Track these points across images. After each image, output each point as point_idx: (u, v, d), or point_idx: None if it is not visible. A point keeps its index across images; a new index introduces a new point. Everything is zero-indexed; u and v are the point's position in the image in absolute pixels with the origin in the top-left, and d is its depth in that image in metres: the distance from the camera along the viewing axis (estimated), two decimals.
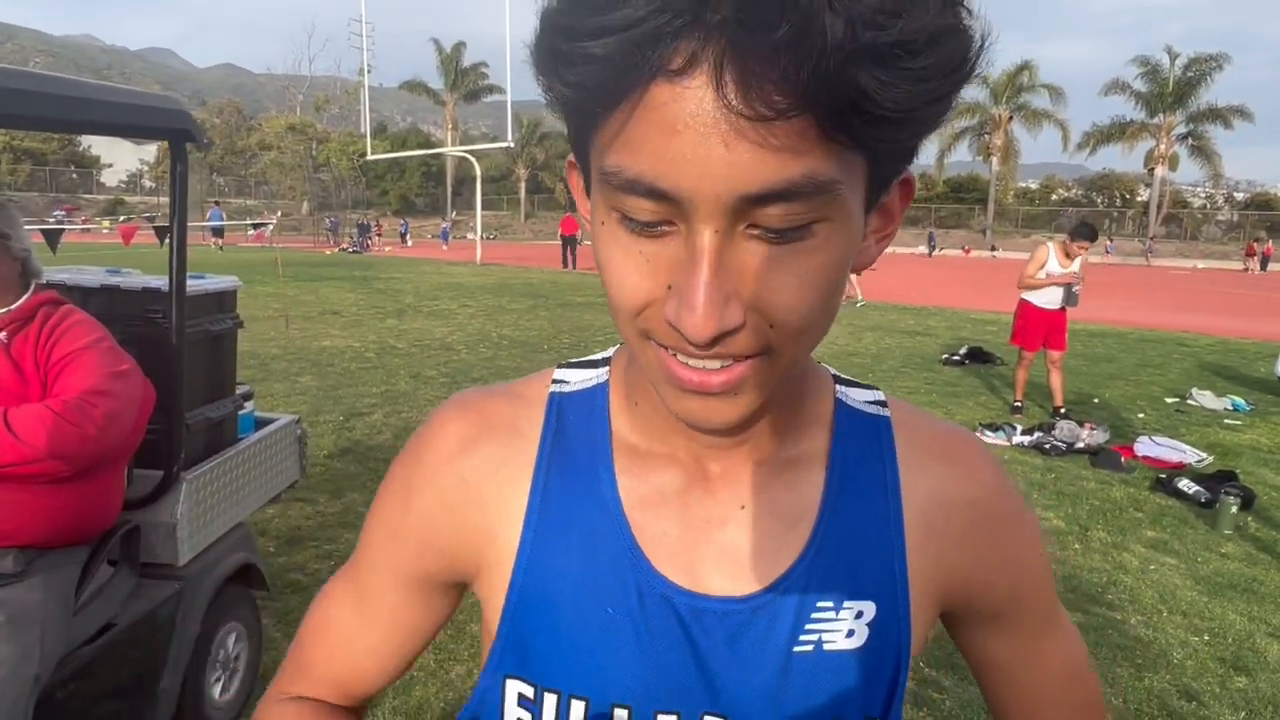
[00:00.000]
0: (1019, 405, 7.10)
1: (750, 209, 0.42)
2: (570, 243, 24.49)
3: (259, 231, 17.04)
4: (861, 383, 0.66)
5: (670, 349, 0.47)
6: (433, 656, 3.02)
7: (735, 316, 0.44)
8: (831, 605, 0.57)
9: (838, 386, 0.64)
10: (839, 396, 0.64)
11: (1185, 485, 5.11)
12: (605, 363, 0.65)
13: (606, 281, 0.48)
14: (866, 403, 0.64)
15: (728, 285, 0.43)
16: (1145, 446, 6.00)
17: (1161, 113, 42.65)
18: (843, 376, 0.66)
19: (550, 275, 21.29)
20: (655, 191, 0.42)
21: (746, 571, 0.57)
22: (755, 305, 0.44)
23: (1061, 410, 6.86)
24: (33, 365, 1.84)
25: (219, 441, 2.62)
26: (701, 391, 0.47)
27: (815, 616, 0.57)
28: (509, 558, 0.59)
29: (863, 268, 0.51)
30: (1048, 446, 6.03)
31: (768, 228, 0.42)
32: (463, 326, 11.54)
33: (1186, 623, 3.54)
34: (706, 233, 0.42)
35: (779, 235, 0.43)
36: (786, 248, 0.43)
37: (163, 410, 2.19)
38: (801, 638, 0.57)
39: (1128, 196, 54.14)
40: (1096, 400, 7.80)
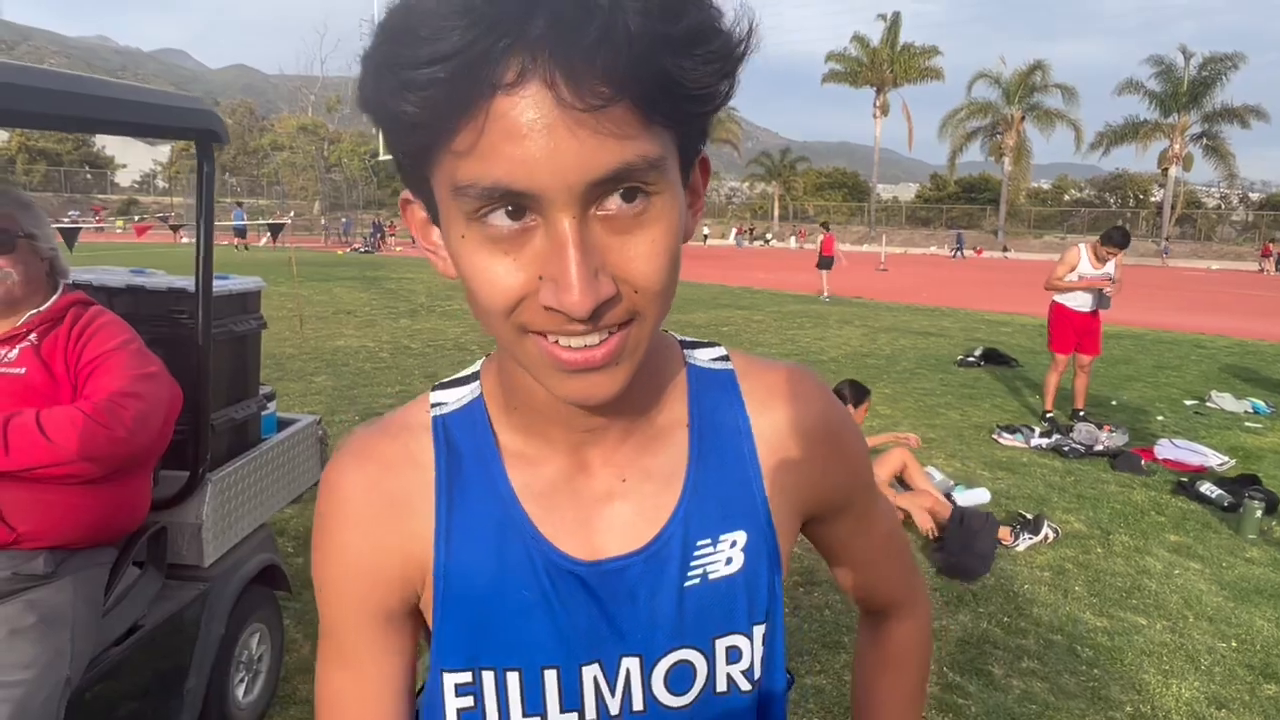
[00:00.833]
0: (1050, 415, 6.72)
1: (597, 193, 0.48)
2: None
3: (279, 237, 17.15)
4: (704, 342, 0.74)
5: (550, 335, 0.52)
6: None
7: (608, 287, 0.50)
8: (709, 541, 0.67)
9: (685, 351, 0.72)
10: (688, 361, 0.72)
11: (1207, 489, 5.05)
12: (474, 377, 0.71)
13: (475, 289, 0.52)
14: (712, 360, 0.73)
15: (594, 261, 0.49)
16: (1165, 449, 5.94)
17: (1176, 112, 42.29)
18: (687, 340, 0.74)
19: None
20: (512, 193, 0.47)
21: (634, 532, 0.66)
22: (618, 275, 0.50)
23: (1080, 412, 6.80)
24: (63, 366, 1.83)
25: (243, 442, 2.62)
26: (586, 368, 0.53)
27: (697, 554, 0.67)
28: (430, 570, 0.66)
29: (688, 237, 0.57)
30: (1066, 449, 5.98)
31: (615, 206, 0.49)
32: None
33: (1213, 629, 3.50)
34: (565, 220, 0.48)
35: (624, 211, 0.50)
36: (632, 221, 0.50)
37: (189, 411, 2.18)
38: (689, 574, 0.66)
39: (1141, 197, 53.74)
40: (1114, 402, 7.74)
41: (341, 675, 0.71)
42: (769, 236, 55.26)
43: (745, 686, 0.69)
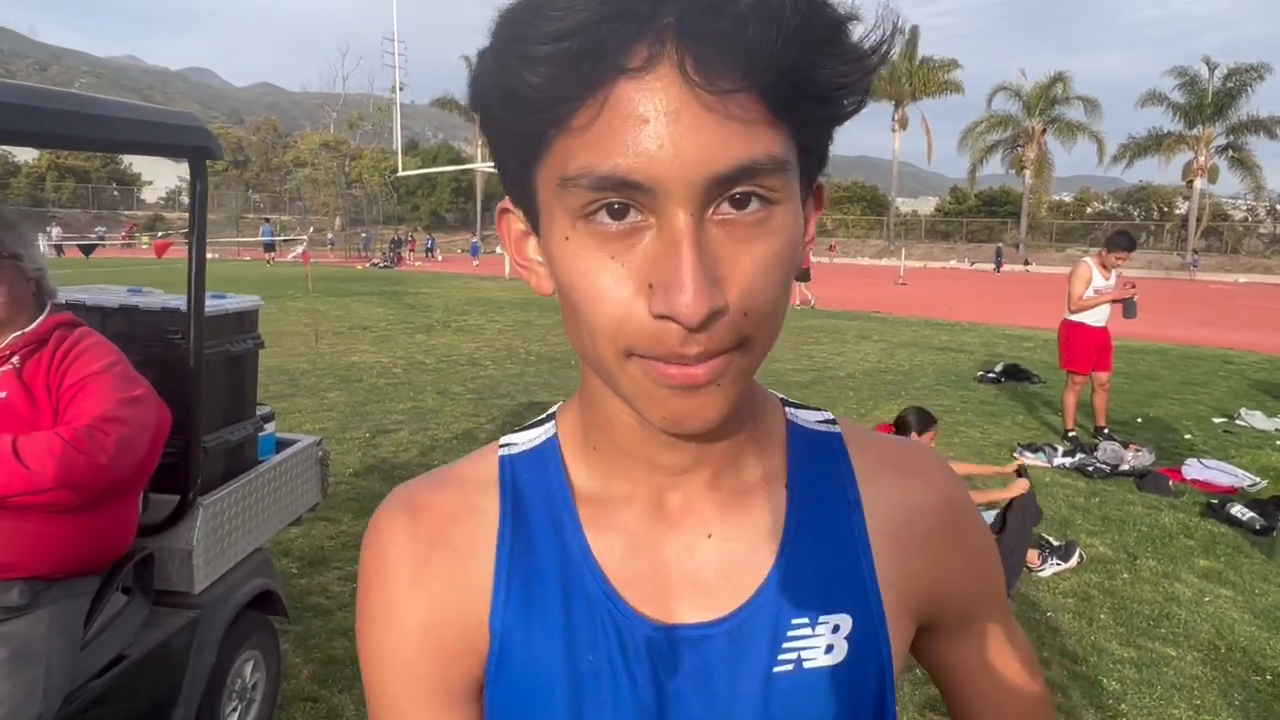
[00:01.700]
0: (1072, 434, 6.57)
1: (718, 191, 0.44)
2: None
3: (304, 252, 17.45)
4: (808, 405, 0.67)
5: (658, 359, 0.47)
6: None
7: (721, 296, 0.45)
8: (806, 621, 0.57)
9: (787, 409, 0.65)
10: (790, 418, 0.65)
11: (1239, 511, 4.89)
12: (550, 418, 0.65)
13: (581, 300, 0.47)
14: (817, 422, 0.65)
15: (710, 266, 0.45)
16: (1194, 469, 5.77)
17: (1200, 124, 41.76)
18: (790, 400, 0.67)
19: None
20: (628, 184, 0.43)
21: (717, 596, 0.57)
22: (729, 289, 0.46)
23: (1104, 431, 6.63)
24: (44, 390, 1.78)
25: (238, 465, 2.57)
26: (689, 386, 0.47)
27: (791, 634, 0.57)
28: (486, 634, 0.58)
29: (797, 269, 0.52)
30: (1090, 469, 5.83)
31: (733, 211, 0.45)
32: (491, 342, 11.54)
33: (1247, 660, 3.35)
34: (682, 216, 0.44)
35: (743, 217, 0.45)
36: (750, 229, 0.46)
37: (179, 434, 2.13)
38: (780, 657, 0.56)
39: (1165, 209, 53.05)
40: (1140, 420, 7.55)
41: None
42: None
43: None
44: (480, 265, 33.89)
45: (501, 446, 0.64)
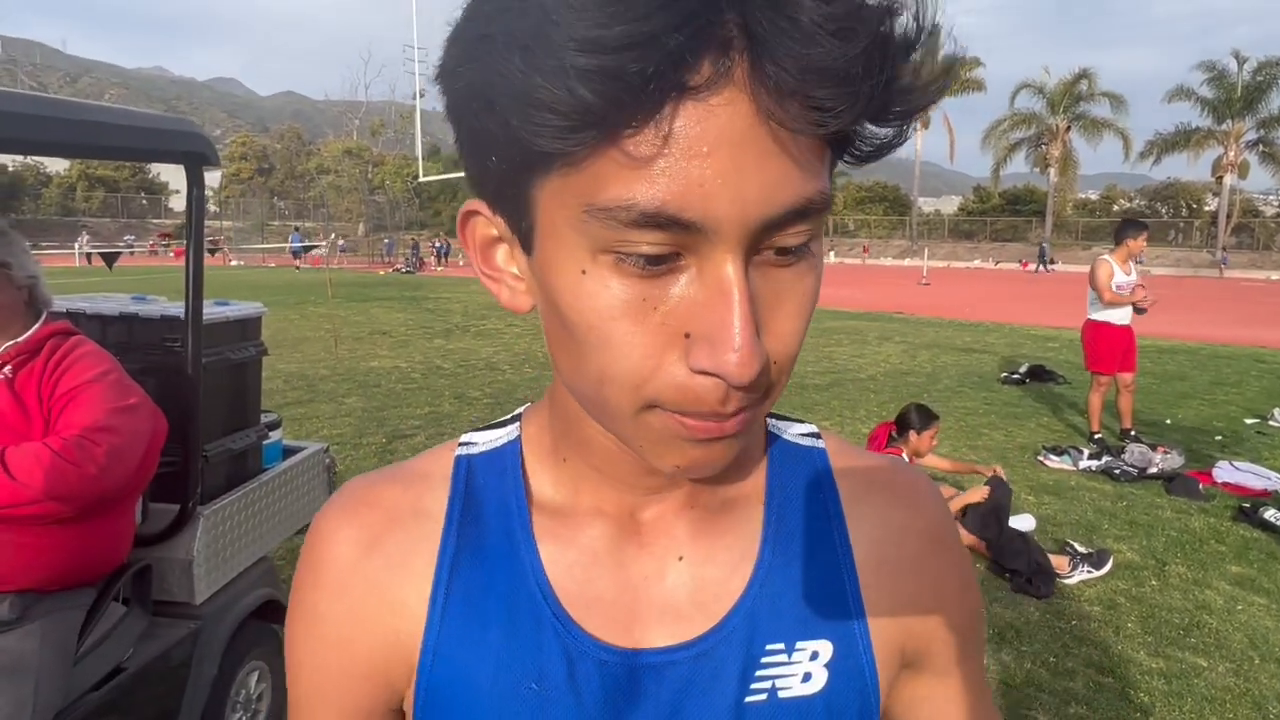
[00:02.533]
0: (1098, 436, 6.43)
1: (767, 235, 0.39)
2: None
3: (315, 256, 17.58)
4: (793, 417, 0.63)
5: (687, 414, 0.42)
6: None
7: (763, 349, 0.40)
8: (782, 647, 0.53)
9: (770, 420, 0.61)
10: (771, 430, 0.60)
11: (1272, 515, 4.74)
12: (514, 420, 0.60)
13: (599, 344, 0.41)
14: (800, 435, 0.61)
15: (757, 318, 0.40)
16: (1225, 472, 5.61)
17: (1230, 119, 41.03)
18: (775, 411, 0.60)
19: None
20: (679, 222, 0.37)
21: (685, 622, 0.53)
22: (768, 339, 0.41)
23: (1131, 432, 6.48)
24: (36, 400, 1.76)
25: (241, 473, 2.54)
26: (714, 438, 0.43)
27: (765, 661, 0.52)
28: (415, 654, 0.53)
29: None
30: (1118, 472, 5.69)
31: (779, 250, 0.40)
32: (509, 346, 11.54)
33: None
34: (730, 262, 0.39)
35: (780, 262, 0.41)
36: (790, 270, 0.42)
37: (179, 443, 2.11)
38: (753, 686, 0.52)
39: (1194, 206, 52.12)
40: (1169, 421, 7.38)
41: None
42: None
43: None
44: None
45: (460, 445, 0.59)
